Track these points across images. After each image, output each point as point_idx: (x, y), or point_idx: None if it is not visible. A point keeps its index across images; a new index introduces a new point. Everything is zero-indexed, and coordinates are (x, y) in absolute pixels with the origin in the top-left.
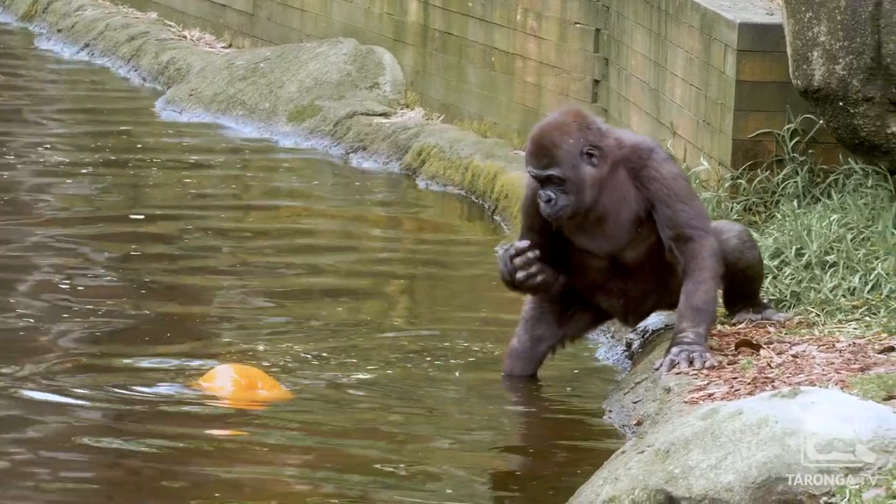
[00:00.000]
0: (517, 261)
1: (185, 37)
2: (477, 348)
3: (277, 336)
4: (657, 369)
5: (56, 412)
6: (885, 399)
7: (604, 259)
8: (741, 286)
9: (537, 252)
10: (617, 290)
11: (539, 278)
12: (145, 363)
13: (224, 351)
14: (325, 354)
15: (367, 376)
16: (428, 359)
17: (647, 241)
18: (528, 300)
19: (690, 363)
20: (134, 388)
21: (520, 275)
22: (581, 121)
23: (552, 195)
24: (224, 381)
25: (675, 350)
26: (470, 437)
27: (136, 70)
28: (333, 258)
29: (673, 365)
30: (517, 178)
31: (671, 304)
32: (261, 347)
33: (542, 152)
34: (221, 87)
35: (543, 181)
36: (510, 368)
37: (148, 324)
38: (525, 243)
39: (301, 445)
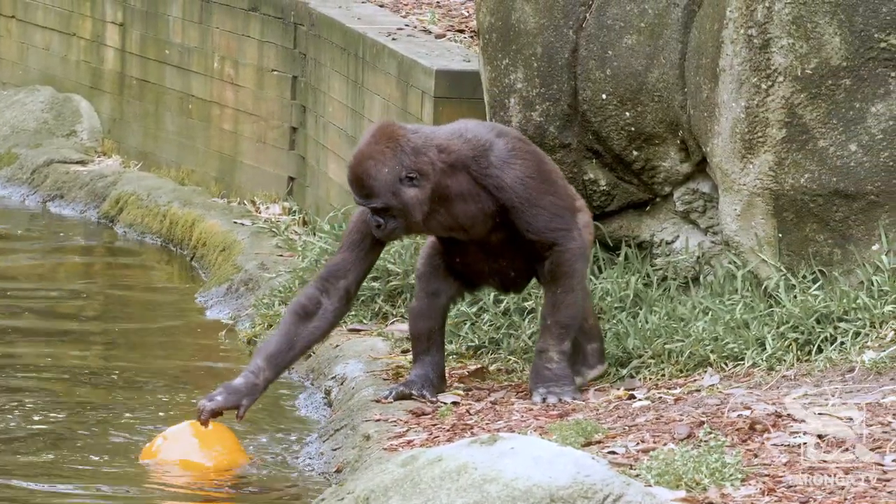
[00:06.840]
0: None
1: None
2: (168, 398)
3: None
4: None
5: None
6: (583, 445)
7: (470, 243)
8: None
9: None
10: (489, 270)
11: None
12: None
13: None
14: (18, 398)
15: (55, 427)
16: (126, 413)
17: (509, 226)
18: (421, 255)
19: (559, 401)
20: None
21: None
22: (394, 144)
23: (381, 220)
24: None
25: (542, 390)
26: (162, 488)
27: None
28: (30, 307)
29: (545, 402)
30: (215, 225)
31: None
32: None
33: (359, 184)
34: None
35: (370, 210)
36: (413, 328)
37: None
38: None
39: None
